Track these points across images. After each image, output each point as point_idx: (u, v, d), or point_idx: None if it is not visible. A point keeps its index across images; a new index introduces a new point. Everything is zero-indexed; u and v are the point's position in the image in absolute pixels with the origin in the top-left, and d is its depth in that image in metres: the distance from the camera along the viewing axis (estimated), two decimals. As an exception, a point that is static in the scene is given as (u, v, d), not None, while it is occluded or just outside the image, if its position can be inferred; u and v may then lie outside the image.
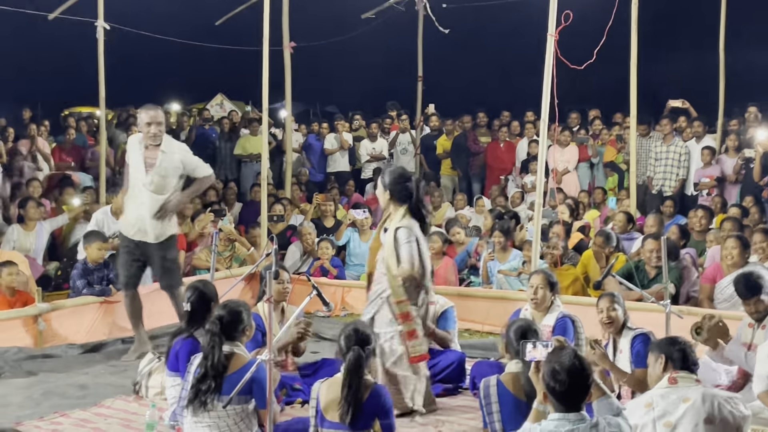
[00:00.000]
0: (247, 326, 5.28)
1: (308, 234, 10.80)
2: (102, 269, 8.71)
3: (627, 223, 10.41)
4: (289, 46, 12.66)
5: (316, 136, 15.73)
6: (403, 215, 6.24)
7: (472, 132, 15.10)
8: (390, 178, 6.32)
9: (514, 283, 9.41)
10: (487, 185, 14.51)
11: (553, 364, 3.98)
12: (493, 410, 4.96)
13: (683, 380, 4.68)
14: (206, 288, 6.02)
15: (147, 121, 7.52)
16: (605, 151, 13.95)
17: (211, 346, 5.03)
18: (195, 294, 5.95)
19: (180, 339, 5.77)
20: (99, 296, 8.53)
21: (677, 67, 19.84)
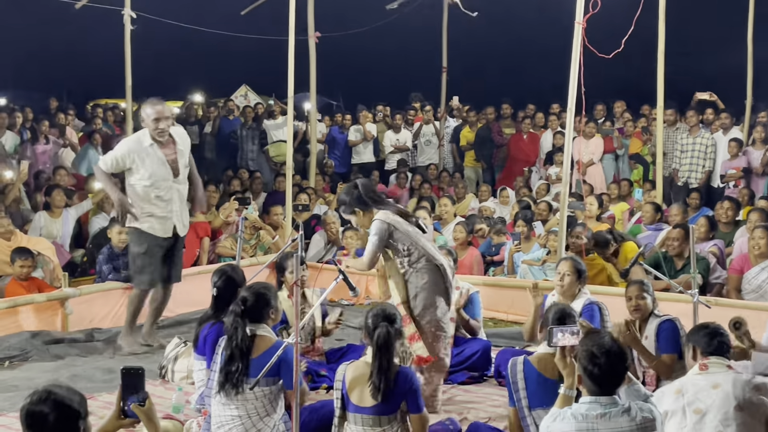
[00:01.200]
0: (273, 309, 5.24)
1: (332, 223, 10.79)
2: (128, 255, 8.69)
3: (655, 214, 10.34)
4: (314, 35, 12.65)
5: (339, 128, 15.72)
6: (380, 216, 6.11)
7: (496, 123, 15.06)
8: (347, 199, 6.20)
9: (537, 274, 9.36)
10: (509, 177, 14.44)
11: (592, 347, 3.94)
12: (519, 387, 4.92)
13: (713, 366, 4.63)
14: (234, 272, 5.99)
15: (155, 117, 7.29)
16: (630, 143, 13.86)
17: (234, 327, 5.01)
18: (222, 278, 5.92)
19: (207, 324, 5.76)
20: (124, 282, 8.54)
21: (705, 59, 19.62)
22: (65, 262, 9.82)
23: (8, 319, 7.82)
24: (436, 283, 6.07)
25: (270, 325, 5.28)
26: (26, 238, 9.31)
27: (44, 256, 9.01)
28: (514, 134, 14.82)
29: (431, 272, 6.06)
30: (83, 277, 9.42)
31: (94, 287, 8.58)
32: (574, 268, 6.48)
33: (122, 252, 8.70)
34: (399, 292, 6.04)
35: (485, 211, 12.11)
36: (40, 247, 9.06)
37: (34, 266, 8.60)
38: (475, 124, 15.34)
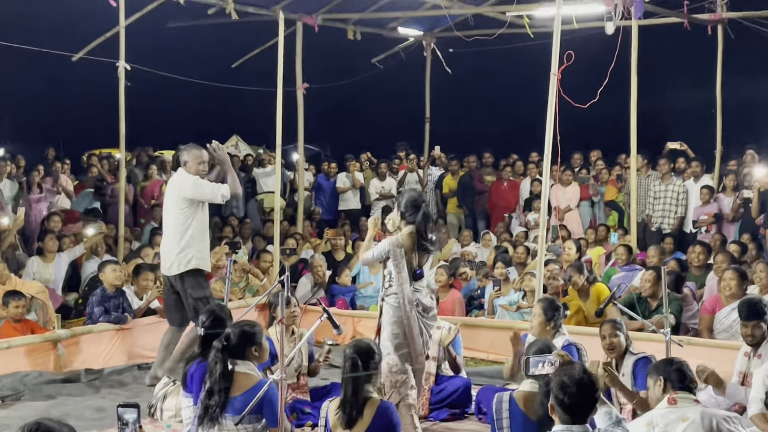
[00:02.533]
0: (257, 346, 5.23)
1: (319, 266, 10.81)
2: (118, 297, 8.74)
3: (628, 255, 10.43)
4: (302, 87, 12.82)
5: (325, 176, 15.80)
6: (404, 233, 6.47)
7: (478, 171, 15.18)
8: (404, 200, 6.59)
9: (515, 316, 9.36)
10: (492, 223, 14.54)
11: (563, 377, 3.98)
12: (503, 425, 4.93)
13: (682, 400, 4.67)
14: (221, 311, 6.01)
15: (203, 160, 7.72)
16: (606, 190, 14.00)
17: (214, 362, 5.02)
18: (210, 317, 5.93)
19: (195, 362, 5.75)
20: (115, 324, 8.54)
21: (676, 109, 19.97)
22: (58, 305, 9.79)
23: (2, 360, 7.80)
24: (399, 323, 6.36)
25: (255, 364, 5.28)
26: (20, 282, 9.29)
27: (37, 299, 9.00)
28: (494, 182, 14.93)
29: (395, 309, 6.39)
30: (77, 319, 9.39)
31: (85, 328, 8.55)
32: (542, 310, 6.52)
33: (114, 294, 8.70)
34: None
35: (467, 256, 12.16)
36: (33, 291, 9.06)
37: (28, 309, 8.59)
38: (457, 172, 15.44)
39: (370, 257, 6.64)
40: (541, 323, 6.47)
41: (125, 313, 8.68)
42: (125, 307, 8.72)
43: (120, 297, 8.75)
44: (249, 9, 12.43)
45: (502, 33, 12.63)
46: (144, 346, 8.80)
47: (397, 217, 6.61)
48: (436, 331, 7.26)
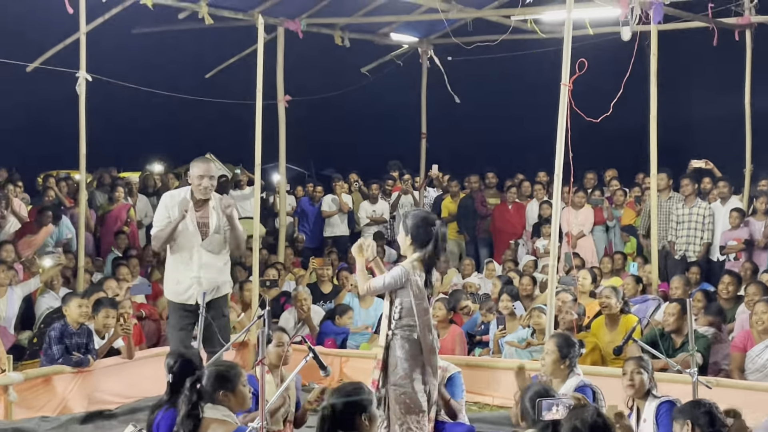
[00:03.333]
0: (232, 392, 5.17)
1: (303, 300, 10.76)
2: (83, 335, 8.66)
3: (636, 286, 10.52)
4: (284, 99, 12.82)
5: (309, 199, 15.78)
6: (414, 260, 6.39)
7: (480, 193, 15.16)
8: (413, 221, 6.49)
9: (523, 354, 9.31)
10: (496, 250, 14.52)
11: (575, 421, 3.96)
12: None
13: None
14: (190, 354, 5.98)
15: (200, 174, 7.76)
16: (623, 213, 13.99)
17: (185, 413, 4.97)
18: (177, 361, 5.89)
19: (161, 410, 5.69)
20: (75, 367, 8.47)
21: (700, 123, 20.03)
22: (10, 345, 9.70)
23: (-57, 408, 7.72)
24: (414, 356, 6.33)
25: (235, 411, 5.23)
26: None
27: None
28: (498, 205, 14.93)
29: (410, 343, 6.34)
30: (31, 361, 9.30)
31: (41, 371, 8.45)
32: (556, 346, 6.49)
33: (77, 331, 8.63)
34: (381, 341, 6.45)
35: (469, 287, 12.13)
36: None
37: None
38: (457, 194, 15.43)
39: (380, 285, 6.46)
40: (554, 361, 6.44)
41: (88, 354, 8.59)
42: (89, 348, 8.63)
43: (85, 335, 8.67)
44: (224, 13, 12.46)
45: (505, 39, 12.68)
46: (107, 390, 8.74)
47: (405, 240, 6.52)
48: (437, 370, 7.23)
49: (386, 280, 6.42)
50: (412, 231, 6.45)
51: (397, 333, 6.39)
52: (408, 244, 6.50)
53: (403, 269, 6.40)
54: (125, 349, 8.96)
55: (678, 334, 8.45)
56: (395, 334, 6.40)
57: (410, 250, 6.51)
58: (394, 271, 6.45)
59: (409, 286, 6.37)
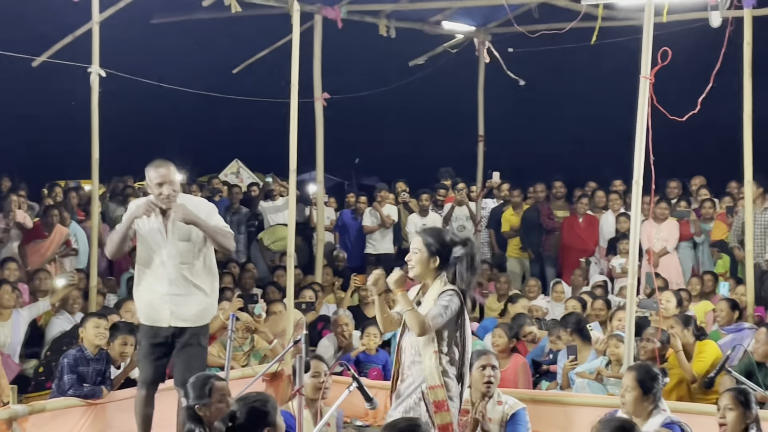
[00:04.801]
0: (272, 426, 5.24)
1: (344, 324, 10.78)
2: (101, 361, 8.73)
3: (731, 311, 10.39)
4: (322, 97, 12.87)
5: (352, 212, 15.82)
6: (444, 283, 6.32)
7: (546, 205, 15.12)
8: (436, 237, 6.41)
9: (596, 388, 9.26)
10: (564, 269, 14.45)
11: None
12: None
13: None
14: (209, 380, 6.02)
15: (158, 181, 7.57)
16: (712, 227, 13.87)
17: None
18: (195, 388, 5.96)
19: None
20: (87, 398, 8.54)
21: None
22: (14, 376, 9.81)
23: (-60, 445, 7.83)
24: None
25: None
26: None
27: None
28: (567, 217, 14.87)
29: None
30: (38, 393, 9.40)
31: (48, 404, 8.50)
32: (636, 381, 6.44)
33: (95, 356, 8.71)
34: (430, 375, 6.24)
35: (535, 312, 12.09)
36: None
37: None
38: (520, 205, 15.39)
39: (443, 320, 6.23)
40: (636, 398, 6.40)
41: (103, 384, 8.67)
42: (105, 376, 8.71)
43: (103, 362, 8.73)
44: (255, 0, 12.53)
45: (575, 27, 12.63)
46: (121, 427, 8.74)
47: (422, 261, 6.37)
48: (497, 407, 7.22)
49: (444, 313, 6.20)
50: (439, 249, 6.36)
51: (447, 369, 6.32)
52: (429, 265, 6.40)
53: (455, 293, 6.27)
54: (143, 380, 8.99)
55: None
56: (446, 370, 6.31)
57: (431, 272, 6.42)
58: (446, 298, 6.26)
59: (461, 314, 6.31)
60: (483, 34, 15.26)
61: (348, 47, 14.50)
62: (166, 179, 7.57)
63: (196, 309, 7.74)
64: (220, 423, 5.23)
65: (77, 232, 12.94)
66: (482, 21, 15.07)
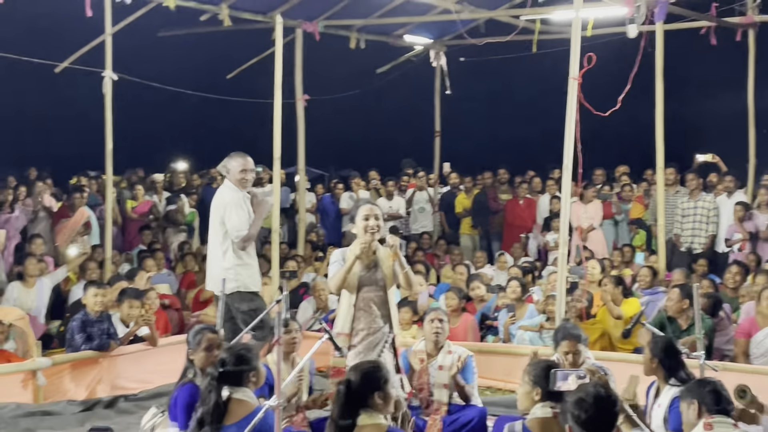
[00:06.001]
0: (254, 371, 5.16)
1: (321, 290, 10.72)
2: (103, 321, 8.63)
3: (652, 277, 10.36)
4: (302, 98, 12.80)
5: (330, 197, 15.74)
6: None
7: (493, 189, 15.09)
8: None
9: (535, 340, 9.26)
10: (507, 243, 14.41)
11: (579, 393, 3.89)
12: (518, 456, 4.75)
13: (719, 425, 4.55)
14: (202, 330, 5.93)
15: (242, 168, 7.87)
16: (631, 207, 13.88)
17: (208, 390, 4.98)
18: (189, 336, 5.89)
19: (179, 386, 5.67)
20: (97, 350, 8.44)
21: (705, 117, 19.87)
22: (40, 334, 9.67)
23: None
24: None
25: (252, 389, 5.20)
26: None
27: (16, 327, 8.87)
28: (510, 200, 14.84)
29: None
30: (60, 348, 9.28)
31: (67, 357, 8.43)
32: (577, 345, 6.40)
33: (98, 318, 8.59)
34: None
35: (484, 279, 12.03)
36: (12, 317, 8.92)
37: (6, 337, 8.49)
38: (471, 190, 15.36)
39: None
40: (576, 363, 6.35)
41: (110, 338, 8.55)
42: (110, 332, 8.59)
43: (105, 322, 8.64)
44: (244, 15, 12.40)
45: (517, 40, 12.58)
46: (130, 377, 8.73)
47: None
48: (447, 356, 7.16)
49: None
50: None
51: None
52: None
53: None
54: (149, 337, 8.91)
55: (684, 318, 8.34)
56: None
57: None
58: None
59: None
60: (439, 46, 15.23)
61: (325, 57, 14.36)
62: (248, 167, 7.91)
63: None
64: (212, 368, 5.13)
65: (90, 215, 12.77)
66: (438, 34, 15.04)
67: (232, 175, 7.91)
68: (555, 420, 4.63)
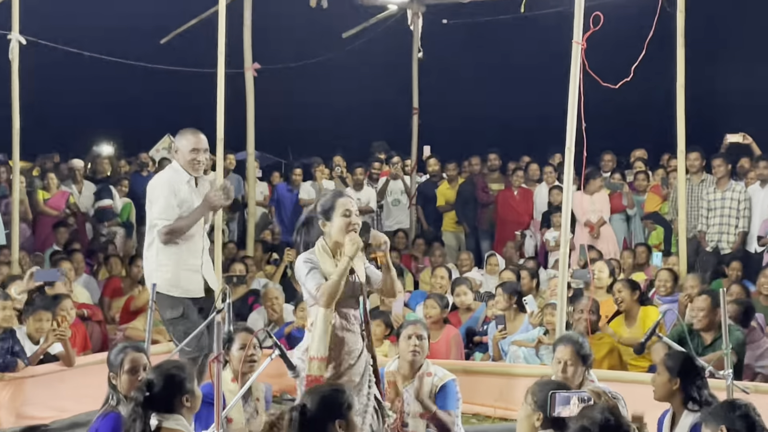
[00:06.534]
0: (188, 394, 5.08)
1: (274, 298, 10.66)
2: (6, 339, 8.53)
3: (674, 282, 10.41)
4: (252, 68, 12.69)
5: (287, 185, 15.65)
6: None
7: (481, 178, 15.07)
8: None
9: (530, 358, 9.25)
10: (499, 242, 14.41)
11: (584, 420, 3.86)
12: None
13: (751, 456, 4.52)
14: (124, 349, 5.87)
15: (193, 147, 7.74)
16: (646, 199, 13.89)
17: (132, 419, 4.91)
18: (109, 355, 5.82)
19: (100, 416, 5.59)
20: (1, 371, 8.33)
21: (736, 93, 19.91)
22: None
23: None
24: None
25: (186, 415, 5.13)
26: None
27: None
28: (502, 190, 14.82)
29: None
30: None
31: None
32: (576, 355, 6.35)
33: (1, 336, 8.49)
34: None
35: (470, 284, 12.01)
36: None
37: None
38: (455, 179, 15.33)
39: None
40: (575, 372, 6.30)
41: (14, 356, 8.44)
42: (15, 351, 8.49)
43: (8, 339, 8.55)
44: (183, -34, 12.33)
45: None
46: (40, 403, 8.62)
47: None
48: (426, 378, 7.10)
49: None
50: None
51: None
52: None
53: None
54: (64, 356, 8.80)
55: (708, 331, 8.35)
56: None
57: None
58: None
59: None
60: (417, 5, 15.12)
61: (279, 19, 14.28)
62: (202, 146, 7.79)
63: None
64: (137, 392, 5.05)
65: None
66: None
67: (180, 155, 7.81)
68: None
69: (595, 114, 8.41)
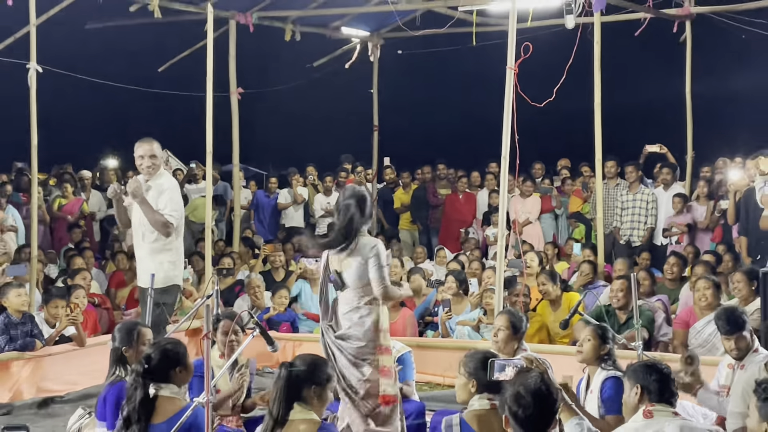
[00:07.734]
0: (182, 367, 5.04)
1: (256, 287, 10.60)
2: (26, 323, 8.46)
3: (593, 273, 10.42)
4: (236, 92, 12.63)
5: (265, 192, 15.57)
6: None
7: (432, 184, 15.07)
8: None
9: (474, 336, 9.26)
10: (447, 238, 14.40)
11: (517, 387, 3.81)
12: (457, 453, 4.68)
13: (659, 413, 4.52)
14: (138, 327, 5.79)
15: (139, 154, 7.78)
16: (570, 201, 13.96)
17: (134, 388, 4.85)
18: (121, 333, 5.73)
19: (108, 384, 5.53)
20: (21, 351, 8.26)
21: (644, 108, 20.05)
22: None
23: None
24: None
25: (180, 386, 5.08)
26: None
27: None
28: (449, 195, 14.83)
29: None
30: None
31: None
32: (509, 322, 6.34)
33: (20, 320, 8.41)
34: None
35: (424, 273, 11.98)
36: None
37: None
38: (409, 185, 15.32)
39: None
40: (507, 337, 6.28)
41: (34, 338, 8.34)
42: (35, 333, 8.40)
43: (28, 323, 8.48)
44: (175, 5, 12.18)
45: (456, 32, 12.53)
46: (56, 378, 8.55)
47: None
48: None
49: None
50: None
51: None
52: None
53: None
54: (76, 337, 8.72)
55: (623, 311, 8.41)
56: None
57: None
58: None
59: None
60: (376, 38, 15.12)
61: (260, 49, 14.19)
62: (147, 153, 7.76)
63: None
64: (137, 364, 5.00)
65: (13, 213, 12.42)
66: (375, 27, 14.94)
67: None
68: (493, 411, 4.59)
69: (526, 128, 8.41)
